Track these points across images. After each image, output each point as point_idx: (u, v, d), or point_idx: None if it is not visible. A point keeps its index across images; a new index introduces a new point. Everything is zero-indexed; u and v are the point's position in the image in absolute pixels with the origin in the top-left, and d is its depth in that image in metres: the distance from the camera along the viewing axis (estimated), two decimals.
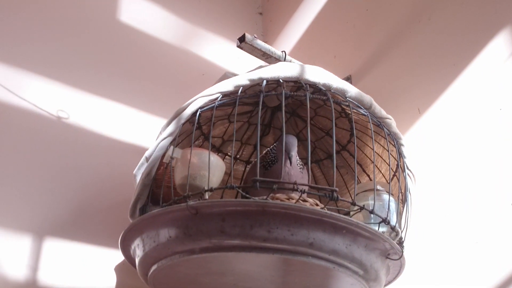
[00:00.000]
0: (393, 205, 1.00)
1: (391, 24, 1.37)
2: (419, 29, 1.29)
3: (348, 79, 1.43)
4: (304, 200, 0.87)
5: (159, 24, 1.55)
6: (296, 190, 0.82)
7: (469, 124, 1.12)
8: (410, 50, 1.30)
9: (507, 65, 1.07)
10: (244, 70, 1.39)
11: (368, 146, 1.18)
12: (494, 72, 1.09)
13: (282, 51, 1.26)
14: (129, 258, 1.01)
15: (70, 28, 1.36)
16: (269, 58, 1.25)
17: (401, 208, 1.07)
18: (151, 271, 0.92)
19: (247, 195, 0.84)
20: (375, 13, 1.43)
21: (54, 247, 1.13)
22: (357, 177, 1.22)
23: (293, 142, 1.03)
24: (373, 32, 1.41)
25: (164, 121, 1.02)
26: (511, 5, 1.09)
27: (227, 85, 0.96)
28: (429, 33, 1.26)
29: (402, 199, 1.08)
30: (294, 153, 1.01)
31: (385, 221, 0.91)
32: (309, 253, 0.82)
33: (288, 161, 1.00)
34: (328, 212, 0.82)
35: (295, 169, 1.01)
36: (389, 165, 0.99)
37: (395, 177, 1.11)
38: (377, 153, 1.16)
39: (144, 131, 1.35)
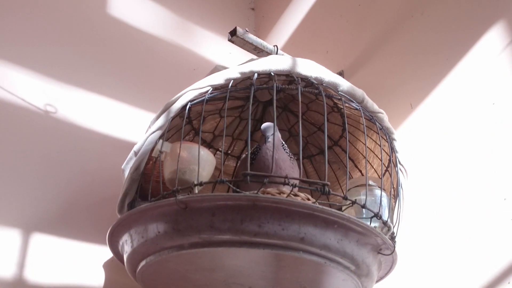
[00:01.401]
0: (385, 200, 0.99)
1: (384, 19, 1.36)
2: (412, 24, 1.28)
3: (340, 74, 1.41)
4: (295, 195, 0.86)
5: (150, 18, 1.53)
6: (287, 184, 0.80)
7: (462, 119, 1.11)
8: (403, 45, 1.29)
9: (500, 59, 1.06)
10: (236, 64, 1.37)
11: (360, 141, 1.16)
12: (487, 67, 1.08)
13: (274, 45, 1.25)
14: (117, 254, 1.00)
15: (59, 21, 1.34)
16: (261, 52, 1.24)
17: (393, 203, 1.06)
18: (140, 267, 0.91)
19: (238, 189, 0.83)
20: (368, 8, 1.42)
21: (41, 243, 1.11)
22: (349, 172, 1.21)
23: (269, 125, 1.01)
24: (365, 27, 1.40)
25: (154, 116, 1.00)
26: None
27: (218, 78, 0.95)
28: (422, 28, 1.25)
29: (394, 194, 1.07)
30: (269, 134, 0.99)
31: (377, 215, 0.90)
32: (300, 248, 0.81)
33: (269, 145, 0.98)
34: (320, 206, 0.81)
35: (281, 154, 0.99)
36: (381, 160, 0.97)
37: (387, 172, 1.10)
38: (369, 148, 1.15)
39: (133, 125, 1.33)
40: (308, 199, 0.87)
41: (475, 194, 1.04)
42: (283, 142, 1.06)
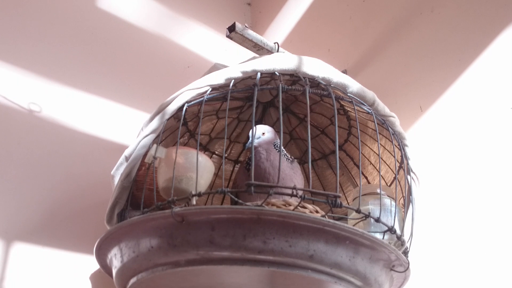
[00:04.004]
0: (395, 211, 0.92)
1: (390, 16, 1.28)
2: (421, 21, 1.21)
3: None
4: (303, 207, 0.78)
5: (141, 11, 1.45)
6: (295, 195, 0.73)
7: (476, 124, 1.04)
8: (411, 43, 1.22)
9: None
10: (233, 62, 1.30)
11: (367, 146, 1.10)
12: (505, 68, 1.02)
13: (274, 43, 1.18)
14: (105, 267, 0.92)
15: (45, 14, 1.26)
16: (261, 49, 1.17)
17: (402, 213, 0.99)
18: (130, 284, 0.83)
19: (240, 201, 0.75)
20: (373, 3, 1.34)
21: (22, 253, 1.04)
22: (354, 179, 1.14)
23: (254, 131, 0.89)
24: (370, 24, 1.33)
25: (145, 116, 0.93)
26: None
27: (218, 78, 0.87)
28: (432, 26, 1.18)
29: (404, 204, 1.00)
30: (254, 140, 0.89)
31: (391, 230, 0.82)
32: (308, 267, 0.74)
33: (264, 155, 0.92)
34: (331, 221, 0.73)
35: (281, 162, 0.91)
36: (395, 169, 0.90)
37: (395, 180, 1.03)
38: (376, 154, 1.08)
39: (123, 126, 1.25)
40: (317, 212, 0.80)
41: (491, 205, 0.97)
42: (275, 143, 0.97)
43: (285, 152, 0.99)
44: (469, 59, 1.08)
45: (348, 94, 0.92)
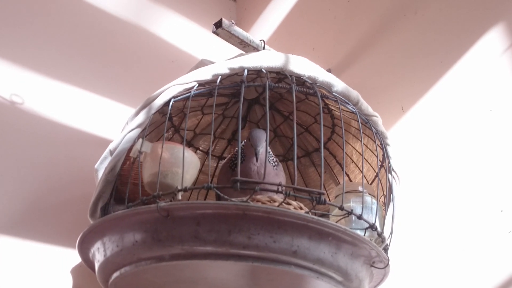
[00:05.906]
0: (376, 209, 0.94)
1: (374, 17, 1.30)
2: (404, 23, 1.23)
3: None
4: (288, 203, 0.79)
5: (125, 5, 1.44)
6: (281, 192, 0.74)
7: (457, 125, 1.06)
8: (395, 44, 1.23)
9: (499, 63, 1.02)
10: (218, 57, 1.30)
11: (349, 144, 1.11)
12: (485, 71, 1.04)
13: (260, 40, 1.19)
14: (87, 261, 0.91)
15: (27, 5, 1.24)
16: (247, 46, 1.17)
17: (383, 211, 1.01)
18: (113, 278, 0.83)
19: (226, 197, 0.76)
20: (358, 4, 1.36)
21: (2, 247, 1.02)
22: (336, 177, 1.16)
23: (261, 136, 0.92)
24: (354, 24, 1.35)
25: (129, 110, 0.93)
26: None
27: (205, 74, 0.87)
28: (415, 28, 1.20)
29: (385, 202, 1.02)
30: (261, 149, 0.91)
31: (373, 227, 0.84)
32: (292, 262, 0.75)
33: (254, 158, 0.92)
34: (315, 217, 0.75)
35: (267, 167, 0.93)
36: (377, 167, 0.92)
37: (376, 178, 1.05)
38: (358, 152, 1.09)
39: (107, 120, 1.24)
40: (301, 208, 0.81)
41: (470, 206, 0.99)
42: (272, 155, 0.99)
43: (273, 157, 1.00)
44: (451, 61, 1.10)
45: (333, 93, 0.93)
